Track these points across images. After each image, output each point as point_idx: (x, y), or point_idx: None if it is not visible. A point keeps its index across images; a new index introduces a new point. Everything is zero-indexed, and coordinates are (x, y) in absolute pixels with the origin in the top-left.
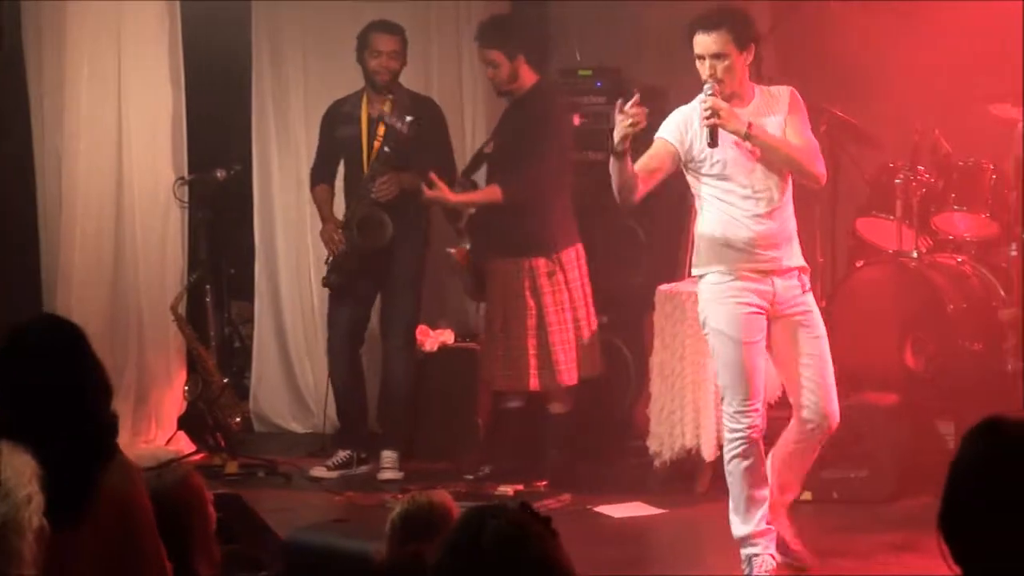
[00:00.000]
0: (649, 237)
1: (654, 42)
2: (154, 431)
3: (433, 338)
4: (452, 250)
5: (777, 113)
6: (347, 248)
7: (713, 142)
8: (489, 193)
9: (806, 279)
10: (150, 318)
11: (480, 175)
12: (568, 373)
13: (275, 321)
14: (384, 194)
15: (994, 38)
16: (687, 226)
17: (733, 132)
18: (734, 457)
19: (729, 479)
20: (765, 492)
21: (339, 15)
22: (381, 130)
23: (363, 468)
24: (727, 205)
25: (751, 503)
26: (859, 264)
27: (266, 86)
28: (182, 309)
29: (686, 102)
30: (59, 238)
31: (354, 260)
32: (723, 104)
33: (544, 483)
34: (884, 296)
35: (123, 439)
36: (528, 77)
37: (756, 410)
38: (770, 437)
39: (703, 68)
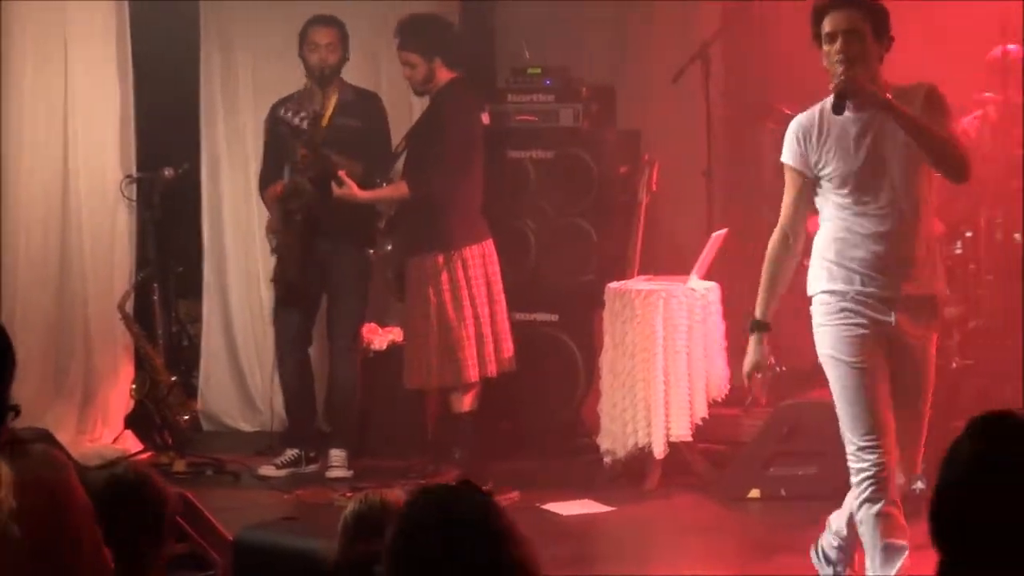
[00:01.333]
0: (600, 236)
1: (600, 41)
2: (100, 429)
3: (382, 336)
4: (370, 251)
5: (912, 107)
6: (278, 227)
7: (839, 109)
8: (396, 189)
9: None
10: (97, 317)
11: None
12: (469, 371)
13: (223, 320)
14: (304, 168)
15: (946, 36)
16: (637, 225)
17: (869, 98)
18: (864, 503)
19: (860, 528)
20: (904, 542)
21: (288, 13)
22: (325, 122)
23: (312, 467)
24: (845, 221)
25: (888, 554)
26: (807, 262)
27: (215, 84)
28: (129, 308)
29: (634, 99)
30: (2, 237)
31: (290, 251)
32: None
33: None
34: None
35: (69, 437)
36: (444, 78)
37: (882, 446)
38: (714, 432)
39: (830, 51)
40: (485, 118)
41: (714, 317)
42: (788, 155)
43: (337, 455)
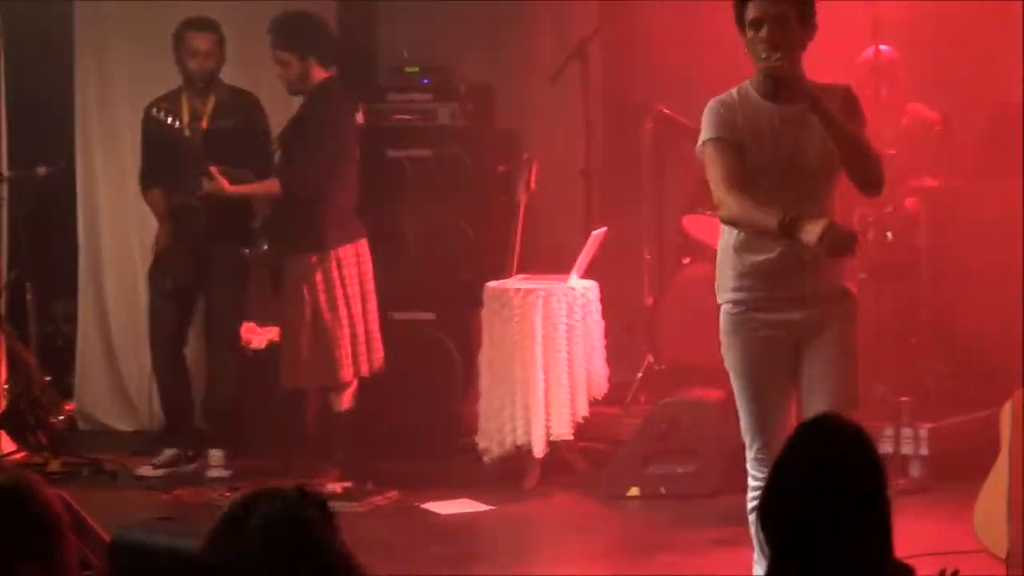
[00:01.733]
0: (478, 235)
1: (479, 40)
2: None
3: (261, 335)
4: (246, 251)
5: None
6: (168, 242)
7: (770, 93)
8: (268, 186)
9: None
10: None
11: None
12: (345, 370)
13: (99, 319)
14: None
15: (818, 36)
16: (515, 224)
17: (800, 90)
18: (753, 511)
19: (752, 529)
20: None
21: (165, 10)
22: (204, 125)
23: (191, 466)
24: None
25: None
26: (686, 261)
27: (90, 80)
28: (1, 308)
29: (513, 99)
30: None
31: (176, 255)
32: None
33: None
34: (710, 292)
35: None
36: (318, 76)
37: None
38: (594, 431)
39: (755, 37)
40: (360, 117)
41: (594, 316)
42: (716, 128)
43: (216, 455)
